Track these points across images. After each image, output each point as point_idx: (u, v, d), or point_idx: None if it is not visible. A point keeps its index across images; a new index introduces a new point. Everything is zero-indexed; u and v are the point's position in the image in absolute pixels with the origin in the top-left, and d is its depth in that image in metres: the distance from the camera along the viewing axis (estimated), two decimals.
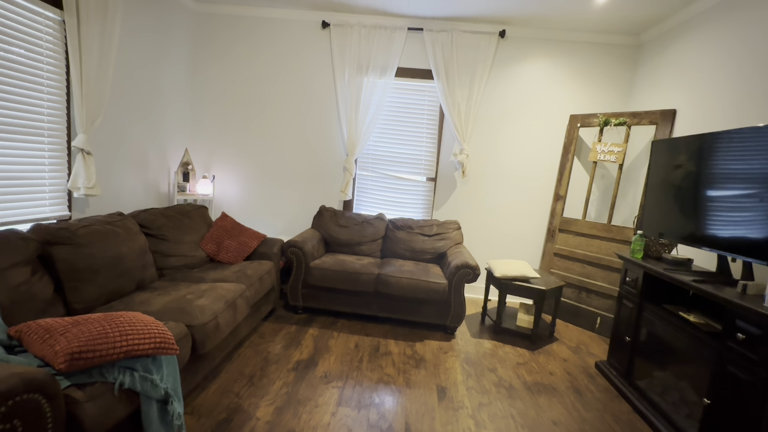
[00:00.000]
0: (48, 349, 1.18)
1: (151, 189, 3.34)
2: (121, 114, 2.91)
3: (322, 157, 3.82)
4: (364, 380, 2.24)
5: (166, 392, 1.43)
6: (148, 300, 1.91)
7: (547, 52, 3.55)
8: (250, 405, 1.92)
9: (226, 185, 3.91)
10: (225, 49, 3.73)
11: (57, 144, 2.43)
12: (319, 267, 2.95)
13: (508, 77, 3.62)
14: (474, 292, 3.90)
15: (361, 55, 3.58)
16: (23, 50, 2.16)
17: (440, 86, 3.52)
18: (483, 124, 3.69)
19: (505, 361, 2.64)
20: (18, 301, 1.51)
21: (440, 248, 3.38)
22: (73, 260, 1.79)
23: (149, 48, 3.13)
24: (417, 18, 3.52)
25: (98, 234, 1.95)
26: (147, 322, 1.41)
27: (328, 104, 3.75)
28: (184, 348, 1.67)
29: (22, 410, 0.99)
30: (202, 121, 3.84)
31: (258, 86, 3.77)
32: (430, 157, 3.77)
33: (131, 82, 2.98)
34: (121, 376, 1.28)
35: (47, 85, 2.33)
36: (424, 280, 2.86)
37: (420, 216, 3.85)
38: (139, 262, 2.14)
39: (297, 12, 3.61)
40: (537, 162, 3.69)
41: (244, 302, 2.22)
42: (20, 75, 2.15)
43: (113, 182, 2.90)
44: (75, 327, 1.24)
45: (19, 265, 1.58)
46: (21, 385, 0.99)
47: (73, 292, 1.77)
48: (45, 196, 2.37)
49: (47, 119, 2.35)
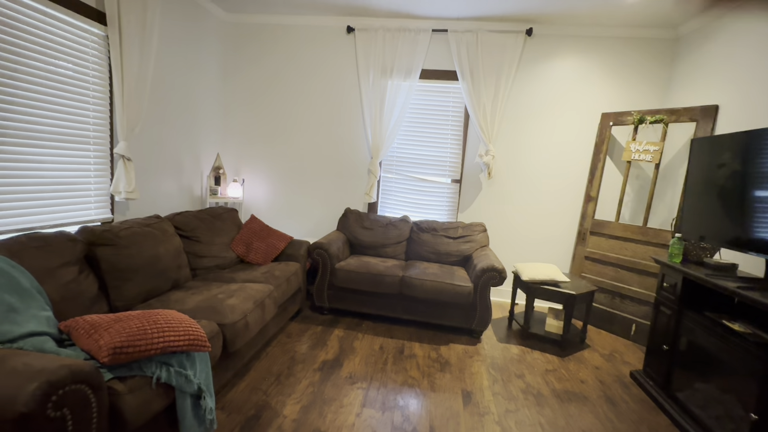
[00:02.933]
0: (93, 344, 1.26)
1: (185, 192, 3.50)
2: (157, 122, 3.07)
3: (346, 160, 3.87)
4: (388, 382, 2.25)
5: (199, 387, 1.49)
6: (182, 299, 2.00)
7: (576, 48, 3.45)
8: (278, 403, 1.97)
9: (254, 188, 4.03)
10: (253, 56, 3.86)
11: (101, 151, 2.60)
12: (344, 268, 2.99)
13: (535, 76, 3.54)
14: (500, 295, 3.83)
15: (386, 58, 3.60)
16: (72, 65, 2.33)
17: (465, 87, 3.48)
18: (509, 124, 3.62)
19: (534, 367, 2.57)
20: (67, 298, 1.62)
21: (465, 251, 3.34)
22: (116, 260, 1.91)
23: (183, 58, 3.29)
24: (441, 19, 3.51)
25: (138, 236, 2.07)
26: (182, 320, 1.48)
27: (352, 108, 3.80)
28: (215, 345, 1.73)
29: (70, 399, 1.06)
30: (232, 127, 3.98)
31: (285, 92, 3.87)
32: (454, 158, 3.74)
33: (167, 92, 3.14)
34: (158, 371, 1.35)
35: (92, 96, 2.49)
36: (448, 282, 2.83)
37: (445, 218, 3.82)
38: (175, 262, 2.25)
39: (322, 18, 3.68)
40: (566, 162, 3.58)
41: (272, 302, 2.28)
42: (69, 88, 2.32)
43: (150, 186, 3.06)
44: (117, 323, 1.32)
45: (67, 265, 1.70)
46: (70, 376, 1.06)
47: (116, 290, 1.89)
48: (90, 199, 2.53)
49: (92, 128, 2.51)
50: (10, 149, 2.05)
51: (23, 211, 2.12)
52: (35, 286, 1.45)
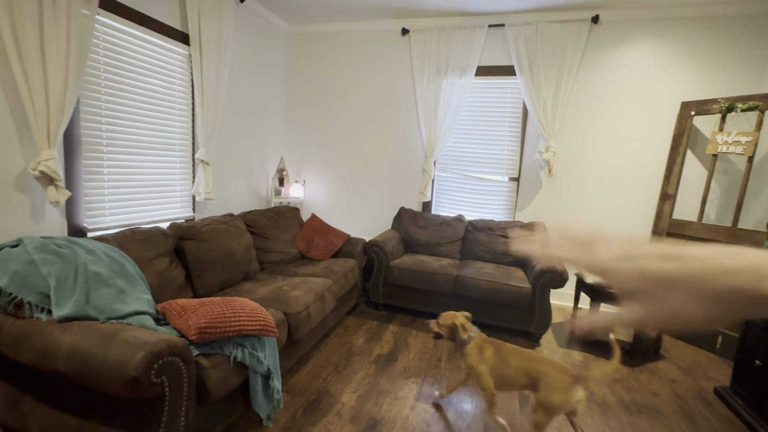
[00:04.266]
0: (183, 323, 1.46)
1: (253, 193, 3.81)
2: (230, 129, 3.39)
3: (401, 160, 3.93)
4: (442, 379, 2.27)
5: (268, 369, 1.64)
6: (252, 289, 2.21)
7: (651, 33, 3.16)
8: (336, 390, 2.08)
9: (314, 188, 4.26)
10: (314, 64, 4.08)
11: (185, 157, 2.93)
12: (398, 266, 3.06)
13: (601, 66, 3.31)
14: (562, 298, 3.64)
15: (440, 57, 3.60)
16: (162, 82, 2.66)
17: (524, 82, 3.37)
18: (572, 118, 3.43)
19: None
20: (161, 284, 1.88)
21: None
22: (198, 253, 2.16)
23: (252, 70, 3.59)
24: (498, 14, 3.43)
25: (216, 231, 2.31)
26: (254, 308, 1.64)
27: (407, 108, 3.85)
28: (281, 332, 1.89)
29: (168, 369, 1.25)
30: (294, 131, 4.25)
31: (342, 96, 4.04)
32: (512, 156, 3.63)
33: (238, 101, 3.45)
34: (235, 351, 1.52)
35: (178, 108, 2.82)
36: (505, 283, 2.77)
37: (501, 218, 3.72)
38: (246, 256, 2.48)
39: (378, 22, 3.79)
40: (637, 157, 3.30)
41: (331, 296, 2.42)
42: (160, 102, 2.66)
43: (224, 187, 3.38)
44: (202, 307, 1.51)
45: (162, 256, 1.96)
46: (167, 349, 1.25)
47: (198, 279, 2.13)
48: (176, 199, 2.87)
49: (178, 137, 2.85)
50: (117, 157, 2.41)
51: (127, 210, 2.48)
52: (138, 272, 1.70)
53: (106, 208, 2.37)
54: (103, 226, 2.35)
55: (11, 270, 1.38)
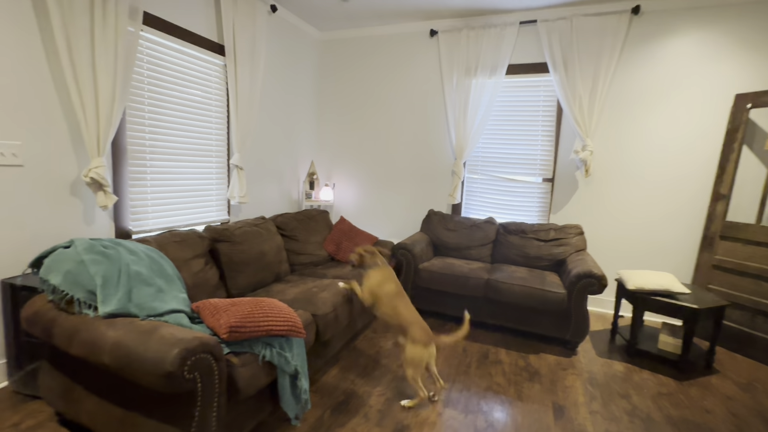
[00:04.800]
0: (215, 322, 1.52)
1: (284, 196, 3.91)
2: (263, 135, 3.50)
3: (430, 162, 3.90)
4: (471, 386, 2.21)
5: (296, 369, 1.67)
6: (283, 290, 2.26)
7: (699, 21, 2.95)
8: (364, 392, 2.08)
9: (344, 192, 4.32)
10: (343, 69, 4.14)
11: (220, 162, 3.06)
12: (427, 269, 3.02)
13: (643, 60, 3.12)
14: (601, 305, 3.45)
15: (469, 57, 3.54)
16: (200, 92, 2.80)
17: (557, 79, 3.24)
18: (610, 115, 3.26)
19: (642, 388, 2.27)
20: (197, 284, 1.97)
21: (558, 255, 3.09)
22: (232, 255, 2.24)
23: (283, 77, 3.70)
24: (529, 10, 3.33)
25: (248, 234, 2.40)
26: (282, 309, 1.67)
27: (435, 110, 3.82)
28: (309, 333, 1.92)
29: (200, 365, 1.30)
30: (324, 136, 4.33)
31: (371, 100, 4.07)
32: (546, 156, 3.50)
33: (270, 108, 3.56)
34: (264, 350, 1.56)
35: (214, 116, 2.96)
36: (538, 288, 2.66)
37: (535, 220, 3.59)
38: (277, 258, 2.54)
39: (406, 25, 3.79)
40: (685, 155, 3.08)
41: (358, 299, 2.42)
42: (198, 111, 2.80)
43: (257, 191, 3.50)
44: (233, 307, 1.56)
45: (197, 257, 2.06)
46: (200, 346, 1.30)
47: (232, 279, 2.22)
48: (212, 203, 3.01)
49: (214, 143, 2.98)
50: (159, 164, 2.55)
51: (168, 213, 2.63)
52: (175, 272, 1.79)
53: (149, 212, 2.52)
54: (146, 229, 2.50)
55: (64, 269, 1.49)
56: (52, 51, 1.98)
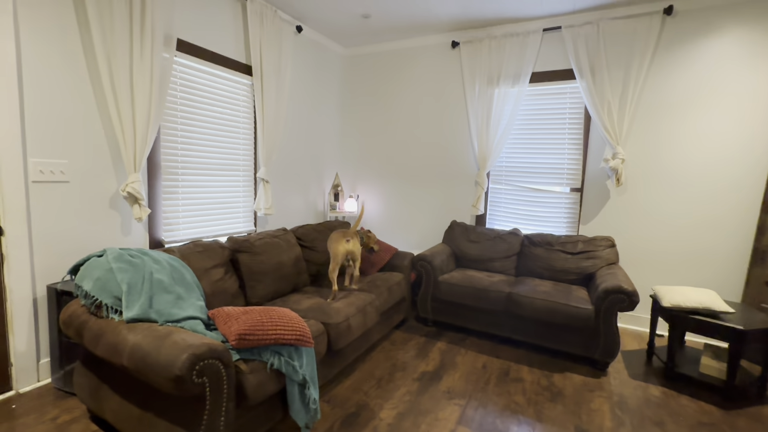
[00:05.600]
0: (227, 329, 1.58)
1: (310, 207, 4.03)
2: (289, 149, 3.64)
3: (453, 173, 3.86)
4: (488, 403, 2.13)
5: (304, 378, 1.70)
6: (298, 300, 2.32)
7: (741, 18, 2.75)
8: (376, 405, 2.07)
9: (368, 203, 4.37)
10: (367, 83, 4.24)
11: (247, 176, 3.22)
12: (446, 281, 2.98)
13: (678, 61, 2.94)
14: (638, 323, 3.22)
15: (491, 66, 3.51)
16: (229, 110, 2.98)
17: (584, 86, 3.13)
18: (643, 121, 3.09)
19: (680, 416, 2.08)
20: (216, 292, 2.07)
21: (587, 268, 2.94)
22: (251, 265, 2.33)
23: (308, 93, 3.84)
24: (553, 17, 3.26)
25: (268, 245, 2.49)
26: (291, 318, 1.72)
27: (458, 120, 3.80)
28: (321, 343, 1.95)
29: (208, 370, 1.36)
30: (348, 148, 4.42)
31: (394, 112, 4.12)
32: (574, 165, 3.36)
33: (296, 123, 3.71)
34: (272, 358, 1.60)
35: (242, 133, 3.12)
36: (562, 303, 2.54)
37: (563, 231, 3.44)
38: (295, 268, 2.61)
39: (427, 38, 3.82)
40: (729, 161, 2.84)
41: (373, 310, 2.43)
42: (227, 128, 2.97)
43: (283, 203, 3.63)
44: (244, 315, 1.62)
45: (218, 266, 2.16)
46: (208, 352, 1.36)
47: (251, 289, 2.30)
48: (239, 215, 3.15)
49: (242, 158, 3.14)
50: (190, 178, 2.73)
51: (197, 224, 2.79)
52: (195, 281, 1.90)
53: (180, 223, 2.69)
54: (177, 239, 2.67)
55: (95, 276, 1.63)
56: (96, 78, 2.20)
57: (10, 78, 1.87)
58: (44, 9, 1.97)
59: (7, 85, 1.86)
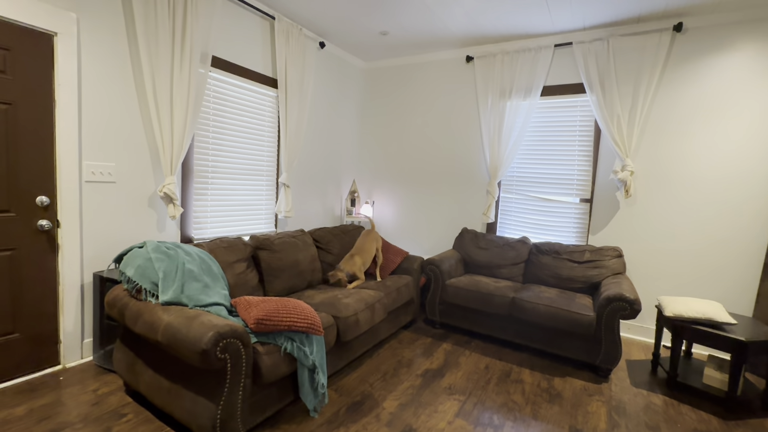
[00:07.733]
0: (247, 315, 1.78)
1: (328, 212, 4.24)
2: (309, 156, 3.88)
3: (464, 182, 3.99)
4: (487, 400, 2.24)
5: (314, 363, 1.87)
6: (312, 295, 2.50)
7: (752, 34, 2.79)
8: (380, 396, 2.22)
9: (383, 209, 4.55)
10: (384, 95, 4.45)
11: (270, 181, 3.46)
12: (454, 285, 3.10)
13: (687, 77, 3.00)
14: (645, 334, 3.23)
15: (504, 80, 3.65)
16: (255, 119, 3.24)
17: (594, 99, 3.22)
18: (652, 135, 3.14)
19: (677, 423, 2.12)
20: (238, 284, 2.28)
21: (593, 277, 3.00)
22: (270, 261, 2.54)
23: (329, 103, 4.08)
24: (564, 33, 3.38)
25: (286, 244, 2.70)
26: (304, 308, 1.90)
27: (471, 131, 3.94)
28: (330, 334, 2.12)
29: (230, 348, 1.55)
30: (366, 156, 4.63)
31: (409, 122, 4.30)
32: (583, 176, 3.44)
33: (316, 132, 3.95)
34: (285, 343, 1.78)
35: (266, 141, 3.38)
36: (565, 309, 2.62)
37: (572, 241, 3.50)
38: (310, 267, 2.81)
39: (443, 53, 4.01)
40: (740, 176, 2.86)
41: (381, 307, 2.59)
42: (253, 136, 3.23)
43: (303, 207, 3.86)
44: (262, 303, 1.82)
45: (240, 261, 2.38)
46: (230, 332, 1.56)
47: (269, 283, 2.51)
48: (261, 216, 3.40)
49: (265, 164, 3.39)
50: (218, 181, 2.99)
51: (224, 224, 3.04)
52: (220, 272, 2.12)
53: (209, 222, 2.94)
54: (205, 236, 2.92)
55: (136, 264, 1.87)
56: (141, 92, 2.49)
57: (72, 92, 2.17)
58: (101, 32, 2.28)
59: (69, 98, 2.16)
